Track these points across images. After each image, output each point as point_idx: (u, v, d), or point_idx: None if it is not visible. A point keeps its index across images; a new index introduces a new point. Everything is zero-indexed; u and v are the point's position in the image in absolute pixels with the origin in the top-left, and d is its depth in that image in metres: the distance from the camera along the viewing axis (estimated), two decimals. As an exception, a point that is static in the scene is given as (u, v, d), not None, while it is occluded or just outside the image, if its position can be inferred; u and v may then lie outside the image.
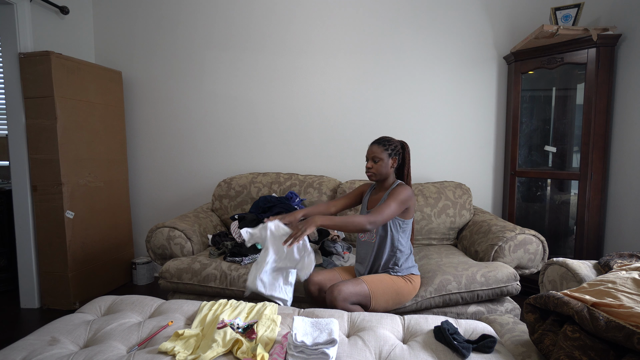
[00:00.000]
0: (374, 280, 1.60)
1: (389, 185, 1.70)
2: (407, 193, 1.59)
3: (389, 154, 1.66)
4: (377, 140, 1.69)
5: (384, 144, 1.67)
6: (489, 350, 1.09)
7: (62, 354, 1.09)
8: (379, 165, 1.66)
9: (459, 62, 2.67)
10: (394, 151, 1.67)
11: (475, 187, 2.75)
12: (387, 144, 1.67)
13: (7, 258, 2.75)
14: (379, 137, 1.72)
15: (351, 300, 1.53)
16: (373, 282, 1.60)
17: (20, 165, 2.35)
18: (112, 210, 2.76)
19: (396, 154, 1.68)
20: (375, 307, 1.59)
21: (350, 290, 1.52)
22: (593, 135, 2.23)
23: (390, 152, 1.66)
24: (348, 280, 1.57)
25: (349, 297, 1.51)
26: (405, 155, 1.73)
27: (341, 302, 1.50)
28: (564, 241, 2.61)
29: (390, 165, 1.67)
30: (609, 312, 0.92)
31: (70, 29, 2.71)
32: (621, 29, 2.21)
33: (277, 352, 1.07)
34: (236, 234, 2.19)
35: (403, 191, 1.58)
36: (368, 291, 1.56)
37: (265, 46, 2.80)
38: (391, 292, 1.61)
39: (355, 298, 1.54)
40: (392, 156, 1.67)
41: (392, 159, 1.67)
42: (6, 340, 1.99)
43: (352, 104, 2.77)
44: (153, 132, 2.96)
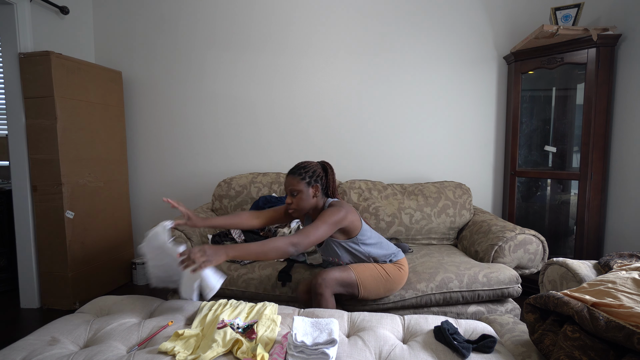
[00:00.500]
0: (361, 268, 1.58)
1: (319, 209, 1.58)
2: (339, 214, 1.44)
3: (307, 182, 1.51)
4: (292, 170, 1.53)
5: (299, 173, 1.51)
6: (489, 350, 1.09)
7: (62, 354, 1.09)
8: (298, 198, 1.50)
9: (459, 62, 2.67)
10: (312, 178, 1.52)
11: (475, 187, 2.75)
12: (303, 172, 1.51)
13: (7, 258, 2.75)
14: (294, 166, 1.56)
15: (336, 289, 1.50)
16: (360, 269, 1.57)
17: (20, 165, 2.35)
18: (112, 210, 2.76)
19: (317, 180, 1.53)
20: (365, 295, 1.57)
21: (335, 276, 1.50)
22: (593, 135, 2.23)
23: (309, 179, 1.51)
24: (334, 268, 1.55)
25: (332, 284, 1.49)
26: (328, 177, 1.58)
27: (324, 288, 1.47)
28: (564, 241, 2.61)
29: (312, 194, 1.52)
30: (609, 312, 0.92)
31: (70, 29, 2.71)
32: (621, 29, 2.21)
33: (277, 352, 1.07)
34: (236, 234, 2.19)
35: (334, 212, 1.44)
36: (355, 278, 1.54)
37: (266, 46, 2.80)
38: (380, 277, 1.59)
39: (341, 286, 1.52)
40: (312, 184, 1.52)
41: (312, 188, 1.52)
42: (6, 340, 1.99)
43: (352, 104, 2.77)
44: (153, 132, 2.96)
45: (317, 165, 1.58)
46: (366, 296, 1.59)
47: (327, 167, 1.60)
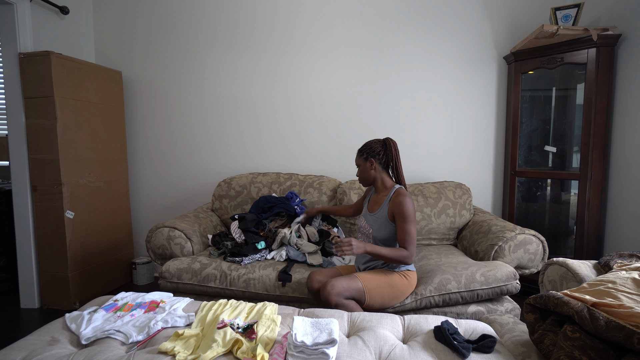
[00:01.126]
0: (368, 277, 1.63)
1: (386, 188, 1.73)
2: (411, 206, 1.60)
3: (364, 158, 1.72)
4: (359, 149, 1.76)
5: (360, 151, 1.74)
6: (489, 350, 1.09)
7: (62, 354, 1.09)
8: (359, 171, 1.75)
9: (459, 62, 2.67)
10: (369, 154, 1.71)
11: (475, 187, 2.75)
12: (363, 149, 1.73)
13: (7, 258, 2.75)
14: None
15: (345, 295, 1.56)
16: (367, 278, 1.62)
17: (20, 165, 2.35)
18: (112, 210, 2.76)
19: (373, 155, 1.70)
20: (371, 303, 1.61)
21: (343, 285, 1.56)
22: (593, 135, 2.23)
23: (366, 155, 1.71)
24: (342, 277, 1.60)
25: (342, 292, 1.55)
26: (387, 152, 1.72)
27: (334, 296, 1.53)
28: (564, 241, 2.61)
29: (369, 168, 1.71)
30: (609, 312, 0.92)
31: (70, 29, 2.71)
32: (621, 29, 2.21)
33: (277, 352, 1.07)
34: (236, 234, 2.19)
35: (408, 207, 1.59)
36: (362, 287, 1.59)
37: (266, 47, 2.80)
38: (386, 287, 1.62)
39: (348, 293, 1.56)
40: (368, 159, 1.71)
41: (369, 162, 1.71)
42: (6, 340, 1.99)
43: (352, 104, 2.77)
44: (153, 132, 2.96)
45: (378, 142, 1.73)
46: (371, 304, 1.62)
47: (387, 143, 1.73)
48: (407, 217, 1.58)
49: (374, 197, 1.79)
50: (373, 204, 1.76)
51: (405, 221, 1.58)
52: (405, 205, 1.59)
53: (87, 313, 1.31)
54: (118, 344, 1.16)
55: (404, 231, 1.58)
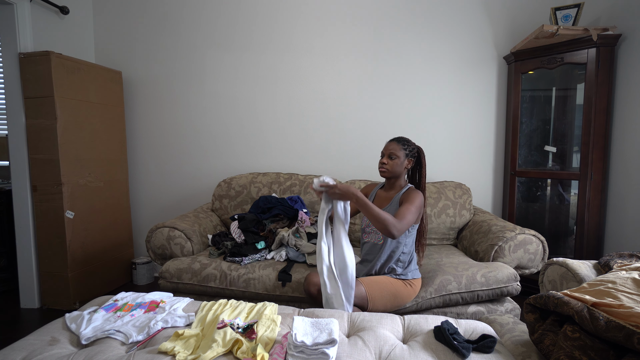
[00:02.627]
0: (372, 283, 1.60)
1: (400, 187, 1.70)
2: (421, 199, 1.58)
3: (406, 153, 1.66)
4: (397, 138, 1.69)
5: (403, 143, 1.66)
6: (489, 350, 1.09)
7: (62, 354, 1.09)
8: (394, 162, 1.65)
9: (459, 62, 2.67)
10: (411, 152, 1.67)
11: (475, 187, 2.75)
12: (406, 144, 1.66)
13: (7, 258, 2.75)
14: (398, 136, 1.71)
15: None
16: (371, 284, 1.59)
17: (20, 165, 2.35)
18: (112, 210, 2.76)
19: (412, 155, 1.68)
20: (373, 310, 1.59)
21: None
22: (593, 135, 2.23)
23: (408, 152, 1.66)
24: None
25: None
26: (420, 160, 1.71)
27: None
28: (564, 241, 2.61)
29: (405, 165, 1.67)
30: (609, 312, 0.92)
31: (70, 29, 2.71)
32: (621, 29, 2.21)
33: (277, 352, 1.07)
34: (236, 234, 2.19)
35: (418, 197, 1.57)
36: (365, 293, 1.56)
37: (266, 47, 2.79)
38: (389, 295, 1.60)
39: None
40: (409, 157, 1.67)
41: (407, 160, 1.67)
42: (6, 340, 1.99)
43: (352, 104, 2.77)
44: (153, 132, 2.96)
45: (416, 146, 1.71)
46: (373, 310, 1.60)
47: (421, 152, 1.72)
48: (412, 201, 1.54)
49: (381, 193, 1.75)
50: (381, 200, 1.73)
51: (408, 202, 1.54)
52: (416, 195, 1.57)
53: (87, 313, 1.31)
54: (118, 344, 1.16)
55: (403, 208, 1.52)
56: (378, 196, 1.76)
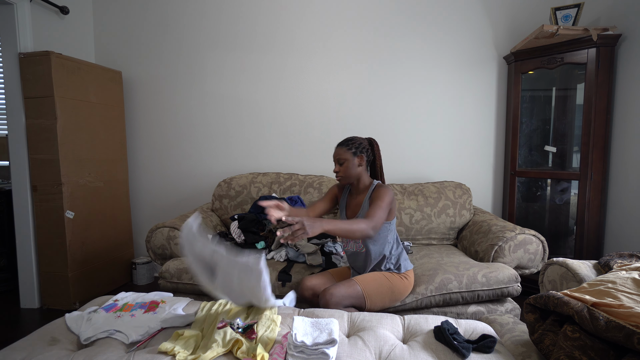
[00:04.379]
0: (367, 280, 1.59)
1: (366, 187, 1.66)
2: (390, 195, 1.55)
3: (353, 152, 1.61)
4: (341, 142, 1.65)
5: (347, 144, 1.62)
6: (489, 350, 1.09)
7: (62, 354, 1.09)
8: (344, 167, 1.61)
9: (459, 62, 2.67)
10: (358, 149, 1.62)
11: (475, 187, 2.75)
12: (349, 144, 1.62)
13: (7, 258, 2.75)
14: (343, 139, 1.68)
15: (344, 304, 1.52)
16: (366, 281, 1.58)
17: (20, 165, 2.35)
18: (112, 210, 2.76)
19: (362, 151, 1.62)
20: (371, 307, 1.58)
21: (342, 293, 1.51)
22: (593, 135, 2.23)
23: (355, 150, 1.61)
24: (340, 283, 1.55)
25: (341, 301, 1.50)
26: (374, 151, 1.68)
27: (334, 305, 1.49)
28: (564, 241, 2.61)
29: (357, 164, 1.62)
30: (609, 312, 0.92)
31: (70, 29, 2.71)
32: (621, 29, 2.21)
33: (277, 352, 1.07)
34: (236, 234, 2.19)
35: (385, 193, 1.54)
36: (361, 292, 1.55)
37: (266, 48, 2.79)
38: (386, 290, 1.60)
39: (348, 301, 1.52)
40: (358, 154, 1.61)
41: (357, 158, 1.61)
42: (6, 340, 1.99)
43: (353, 104, 2.77)
44: (153, 132, 2.96)
45: (364, 139, 1.67)
46: (372, 308, 1.59)
47: (373, 142, 1.69)
48: (381, 200, 1.51)
49: (351, 200, 1.71)
50: (353, 206, 1.69)
51: (377, 202, 1.50)
52: (385, 193, 1.54)
53: (87, 313, 1.31)
54: (118, 344, 1.16)
55: (372, 207, 1.49)
56: (349, 205, 1.72)
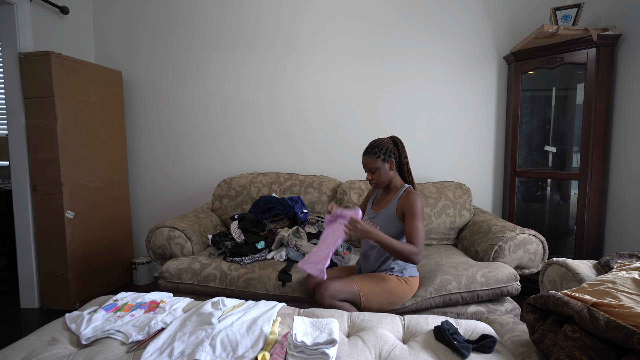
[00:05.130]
0: (365, 280, 1.60)
1: (396, 188, 1.68)
2: (420, 202, 1.57)
3: (382, 159, 1.62)
4: (367, 150, 1.65)
5: (374, 152, 1.63)
6: (489, 350, 1.09)
7: (62, 354, 1.09)
8: (377, 174, 1.64)
9: (459, 62, 2.67)
10: (386, 154, 1.63)
11: (475, 187, 2.75)
12: (377, 151, 1.62)
13: (7, 258, 2.75)
14: (367, 146, 1.67)
15: (339, 297, 1.54)
16: (364, 281, 1.60)
17: (20, 165, 2.35)
18: (112, 210, 2.76)
19: (390, 155, 1.64)
20: (367, 307, 1.59)
21: (337, 288, 1.54)
22: (593, 135, 2.23)
23: (383, 156, 1.62)
24: (338, 279, 1.59)
25: (335, 295, 1.53)
26: (399, 150, 1.69)
27: (328, 299, 1.52)
28: (564, 241, 2.61)
29: (389, 168, 1.64)
30: (609, 312, 0.92)
31: (70, 29, 2.71)
32: (621, 29, 2.21)
33: (277, 352, 1.07)
34: (236, 234, 2.19)
35: (416, 203, 1.56)
36: (357, 290, 1.57)
37: (267, 48, 2.79)
38: (384, 292, 1.60)
39: (342, 295, 1.55)
40: (387, 160, 1.63)
41: (388, 163, 1.64)
42: (6, 340, 1.99)
43: (352, 104, 2.77)
44: (153, 132, 2.96)
45: (389, 141, 1.67)
46: (368, 308, 1.60)
47: (397, 141, 1.69)
48: (417, 214, 1.54)
49: (381, 196, 1.75)
50: (379, 202, 1.73)
51: (415, 217, 1.54)
52: (416, 202, 1.56)
53: (87, 313, 1.31)
54: (118, 344, 1.16)
55: (413, 227, 1.52)
56: (378, 199, 1.77)
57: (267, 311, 1.30)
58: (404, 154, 1.70)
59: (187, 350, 1.08)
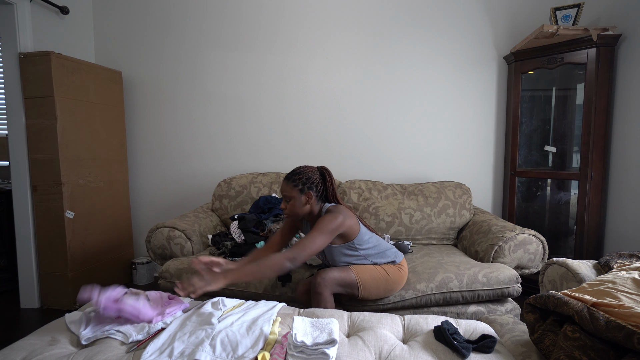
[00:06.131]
0: (361, 269, 1.58)
1: (320, 213, 1.57)
2: (336, 221, 1.43)
3: (299, 189, 1.50)
4: (287, 175, 1.53)
5: (293, 180, 1.50)
6: (489, 350, 1.09)
7: (62, 354, 1.09)
8: (291, 205, 1.51)
9: (459, 62, 2.67)
10: (305, 185, 1.50)
11: (475, 187, 2.75)
12: (296, 179, 1.50)
13: (7, 258, 2.75)
14: (291, 171, 1.55)
15: (335, 288, 1.51)
16: (361, 270, 1.58)
17: (20, 165, 2.35)
18: (112, 210, 2.76)
19: (310, 187, 1.50)
20: (365, 295, 1.58)
21: (334, 276, 1.50)
22: (593, 135, 2.23)
23: (302, 186, 1.50)
24: (335, 268, 1.56)
25: (332, 282, 1.49)
26: (325, 183, 1.56)
27: (324, 288, 1.47)
28: (564, 241, 2.61)
29: (304, 202, 1.51)
30: (609, 312, 0.92)
31: (70, 29, 2.71)
32: (621, 29, 2.21)
33: (277, 352, 1.07)
34: (236, 234, 2.19)
35: (330, 220, 1.43)
36: (355, 278, 1.54)
37: (268, 48, 2.79)
38: (380, 279, 1.59)
39: (340, 284, 1.52)
40: (305, 191, 1.50)
41: (305, 195, 1.50)
42: (6, 340, 1.99)
43: (352, 104, 2.77)
44: (153, 132, 2.96)
45: (314, 171, 1.55)
46: (366, 296, 1.60)
47: (324, 172, 1.58)
48: (320, 227, 1.41)
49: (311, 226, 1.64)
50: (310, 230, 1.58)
51: (316, 229, 1.41)
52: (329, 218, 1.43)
53: (87, 313, 1.31)
54: (118, 344, 1.16)
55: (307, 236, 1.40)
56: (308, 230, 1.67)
57: (267, 311, 1.30)
58: (331, 186, 1.57)
59: (187, 350, 1.08)
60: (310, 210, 1.55)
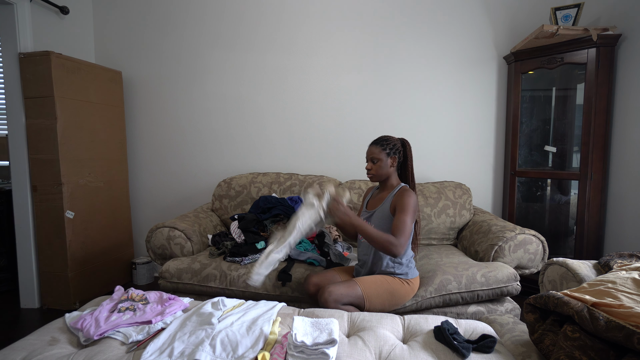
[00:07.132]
0: (368, 282, 1.58)
1: (392, 187, 1.67)
2: (414, 201, 1.54)
3: (387, 153, 1.63)
4: (375, 141, 1.67)
5: (382, 144, 1.64)
6: (489, 350, 1.09)
7: (62, 354, 1.09)
8: (377, 166, 1.64)
9: (459, 62, 2.67)
10: (392, 150, 1.63)
11: (475, 187, 2.75)
12: (384, 144, 1.64)
13: (7, 258, 2.75)
14: (377, 137, 1.69)
15: (343, 302, 1.52)
16: (367, 284, 1.58)
17: (20, 165, 2.35)
18: (112, 210, 2.76)
19: (395, 152, 1.64)
20: (370, 309, 1.58)
21: (341, 292, 1.51)
22: (593, 135, 2.23)
23: (389, 151, 1.63)
24: (341, 282, 1.56)
25: (340, 299, 1.51)
26: (406, 152, 1.69)
27: (332, 303, 1.49)
28: (564, 241, 2.61)
29: (390, 164, 1.64)
30: (609, 312, 0.92)
31: (70, 29, 2.71)
32: (621, 29, 2.21)
33: (277, 352, 1.07)
34: (236, 234, 2.19)
35: (410, 200, 1.53)
36: (361, 293, 1.55)
37: (268, 47, 2.79)
38: (386, 294, 1.59)
39: (347, 299, 1.53)
40: (391, 155, 1.63)
41: (391, 158, 1.63)
42: (6, 340, 1.99)
43: (352, 104, 2.77)
44: (153, 132, 2.96)
45: (398, 140, 1.69)
46: (371, 310, 1.59)
47: (406, 143, 1.71)
48: (407, 209, 1.51)
49: (376, 195, 1.74)
50: (375, 201, 1.72)
51: (404, 212, 1.51)
52: (410, 198, 1.54)
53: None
54: (118, 344, 1.16)
55: (400, 220, 1.49)
56: (371, 200, 1.75)
57: (267, 311, 1.30)
58: (410, 157, 1.70)
59: (187, 350, 1.08)
60: (390, 175, 1.67)
